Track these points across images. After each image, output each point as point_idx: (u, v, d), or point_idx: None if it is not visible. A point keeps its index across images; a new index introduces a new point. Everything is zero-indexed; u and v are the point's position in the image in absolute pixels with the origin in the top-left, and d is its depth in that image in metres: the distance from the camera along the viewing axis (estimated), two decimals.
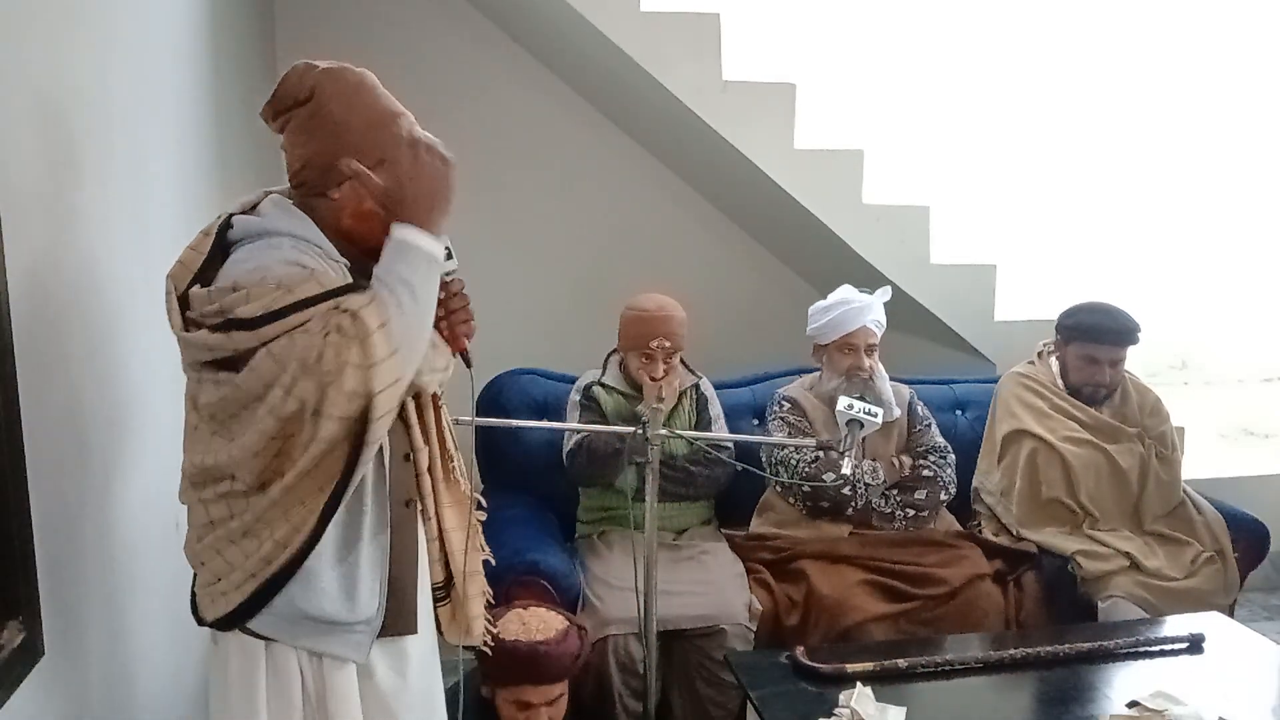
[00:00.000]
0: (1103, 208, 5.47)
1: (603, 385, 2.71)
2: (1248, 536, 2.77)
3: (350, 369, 1.24)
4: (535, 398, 2.92)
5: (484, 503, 1.67)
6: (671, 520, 2.68)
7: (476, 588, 1.64)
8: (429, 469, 1.57)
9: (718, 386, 2.92)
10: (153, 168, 2.09)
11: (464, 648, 1.70)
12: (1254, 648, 2.24)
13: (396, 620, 1.52)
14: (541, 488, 2.83)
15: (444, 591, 1.62)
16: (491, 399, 2.90)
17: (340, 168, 1.43)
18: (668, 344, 2.60)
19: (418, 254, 1.36)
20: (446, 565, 1.61)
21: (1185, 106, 5.35)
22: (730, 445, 2.70)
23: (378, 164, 1.45)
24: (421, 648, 1.61)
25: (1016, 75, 4.89)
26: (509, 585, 2.39)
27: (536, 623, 2.04)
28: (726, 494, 2.80)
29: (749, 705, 2.03)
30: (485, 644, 1.71)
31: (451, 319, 1.50)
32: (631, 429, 2.14)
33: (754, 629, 2.43)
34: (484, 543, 1.70)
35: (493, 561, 1.72)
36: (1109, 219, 5.49)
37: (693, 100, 3.10)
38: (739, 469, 2.55)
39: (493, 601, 1.72)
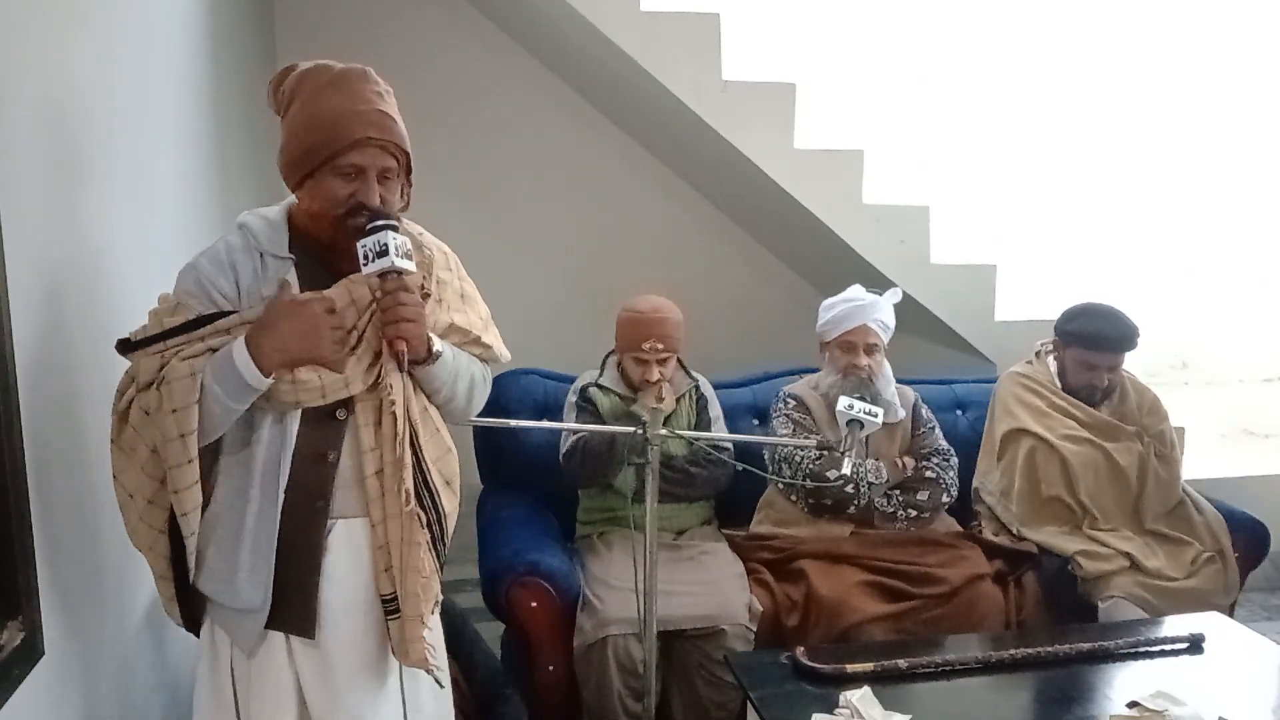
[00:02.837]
0: (1103, 208, 5.47)
1: (600, 387, 2.71)
2: (1248, 536, 2.77)
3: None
4: (535, 398, 2.92)
5: (424, 518, 1.53)
6: (671, 520, 2.68)
7: (414, 609, 1.52)
8: (378, 473, 1.51)
9: (717, 386, 2.91)
10: (153, 167, 2.09)
11: None
12: (1254, 648, 2.24)
13: (285, 617, 1.50)
14: (541, 488, 2.82)
15: (395, 606, 1.54)
16: (492, 399, 2.85)
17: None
18: (660, 346, 2.58)
19: (236, 378, 1.40)
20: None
21: (1185, 107, 5.34)
22: (729, 445, 2.70)
23: (318, 169, 1.48)
24: (358, 661, 1.55)
25: (1016, 75, 4.88)
26: (509, 585, 2.39)
27: None
28: (726, 494, 2.80)
29: (749, 706, 2.03)
30: (430, 671, 1.56)
31: (382, 318, 1.46)
32: (631, 429, 2.14)
33: (754, 629, 2.43)
34: (429, 567, 1.54)
35: (438, 593, 1.61)
36: (1109, 219, 5.48)
37: (693, 100, 3.10)
38: (739, 469, 2.55)
39: (430, 629, 1.56)
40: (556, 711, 2.44)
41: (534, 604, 2.39)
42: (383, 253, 1.42)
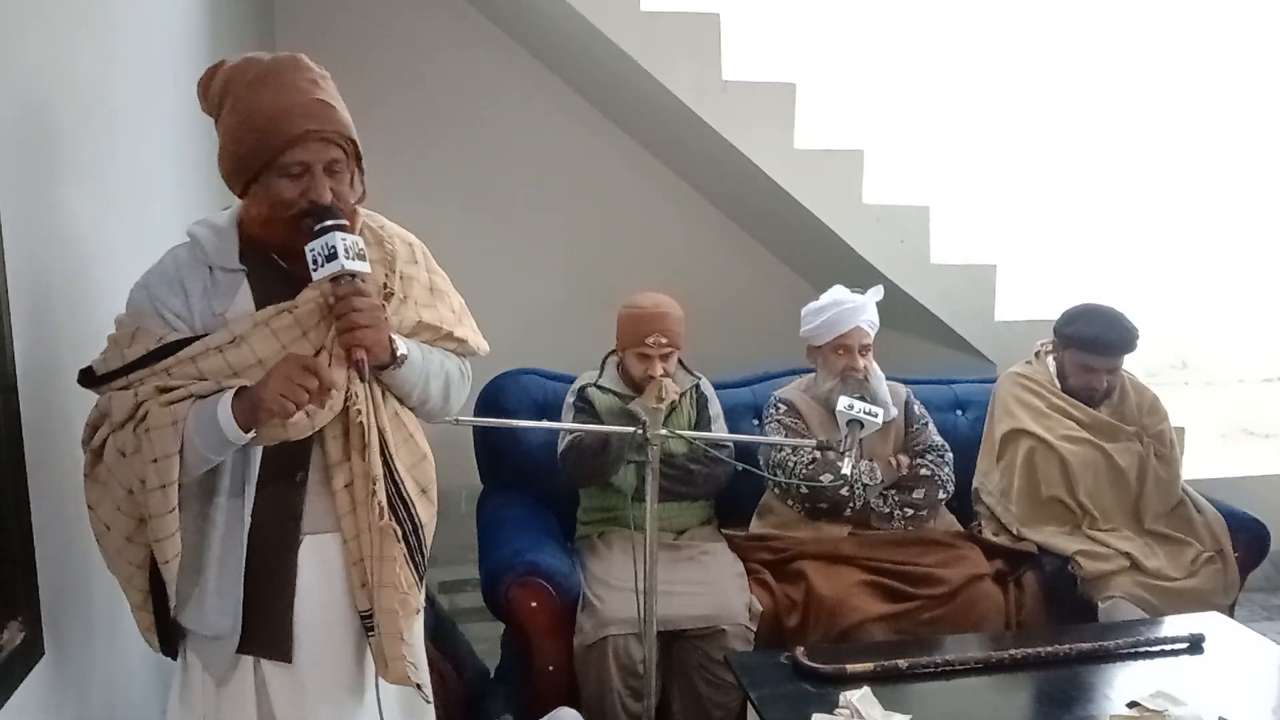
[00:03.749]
0: (1103, 208, 5.47)
1: (599, 387, 2.70)
2: (1248, 536, 2.77)
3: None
4: (535, 398, 2.92)
5: (398, 531, 1.47)
6: (671, 520, 2.68)
7: (392, 626, 1.46)
8: (348, 487, 1.45)
9: (717, 386, 2.91)
10: (152, 167, 2.09)
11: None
12: (1254, 648, 2.24)
13: (256, 641, 1.44)
14: (541, 488, 2.82)
15: (374, 622, 1.48)
16: (491, 399, 2.90)
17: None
18: (664, 340, 2.59)
19: (217, 435, 1.33)
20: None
21: (1185, 107, 5.34)
22: (730, 445, 2.70)
23: (261, 172, 1.40)
24: (332, 679, 1.50)
25: (1016, 75, 4.88)
26: (509, 585, 2.39)
27: None
28: (726, 494, 2.80)
29: (749, 706, 2.03)
30: (417, 687, 1.53)
31: (337, 325, 1.38)
32: (632, 429, 2.14)
33: (754, 629, 2.43)
34: (406, 582, 1.49)
35: (418, 607, 1.55)
36: (1109, 219, 5.48)
37: (693, 100, 3.10)
38: (739, 469, 2.55)
39: (411, 645, 1.52)
40: None
41: (534, 604, 2.39)
42: (332, 256, 1.34)
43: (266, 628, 1.44)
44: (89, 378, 1.42)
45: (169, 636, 1.50)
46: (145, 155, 2.03)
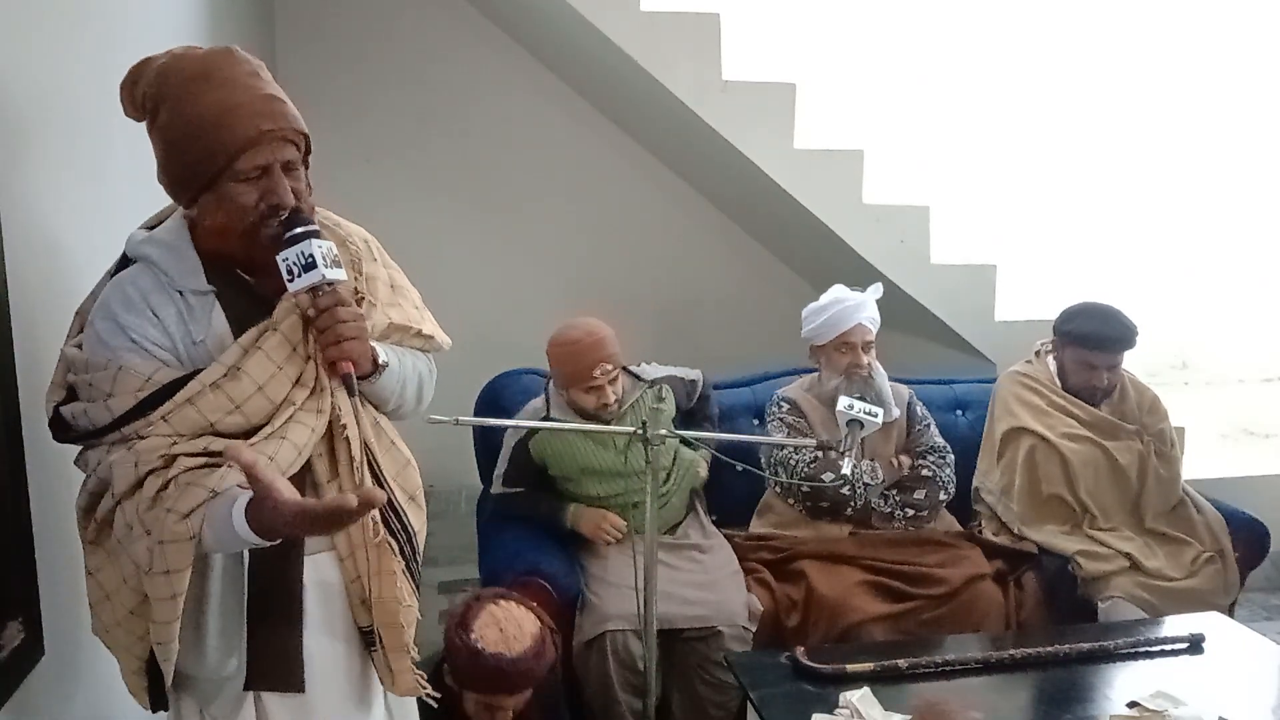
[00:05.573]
0: (1103, 208, 5.47)
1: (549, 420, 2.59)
2: (1248, 536, 2.77)
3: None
4: (535, 397, 2.91)
5: (394, 545, 1.43)
6: (660, 518, 2.65)
7: (397, 640, 1.44)
8: None
9: (717, 387, 2.91)
10: (152, 167, 2.09)
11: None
12: (1254, 648, 2.24)
13: (265, 676, 1.37)
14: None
15: (373, 639, 1.45)
16: (492, 399, 2.90)
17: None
18: (609, 367, 2.50)
19: (236, 540, 1.21)
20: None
21: (1185, 106, 5.34)
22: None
23: (213, 181, 1.29)
24: (338, 699, 1.45)
25: (1016, 75, 4.88)
26: (509, 586, 2.39)
27: (513, 629, 1.95)
28: (726, 493, 2.80)
29: (749, 706, 2.04)
30: (426, 696, 1.53)
31: (320, 339, 1.30)
32: (632, 429, 2.13)
33: (752, 629, 2.43)
34: (407, 593, 1.46)
35: (418, 614, 1.52)
36: (1109, 219, 5.49)
37: (693, 100, 3.10)
38: (739, 469, 2.54)
39: (416, 657, 1.51)
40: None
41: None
42: (310, 265, 1.26)
43: (275, 662, 1.37)
44: (63, 430, 1.30)
45: (161, 694, 1.41)
46: (144, 155, 2.03)
